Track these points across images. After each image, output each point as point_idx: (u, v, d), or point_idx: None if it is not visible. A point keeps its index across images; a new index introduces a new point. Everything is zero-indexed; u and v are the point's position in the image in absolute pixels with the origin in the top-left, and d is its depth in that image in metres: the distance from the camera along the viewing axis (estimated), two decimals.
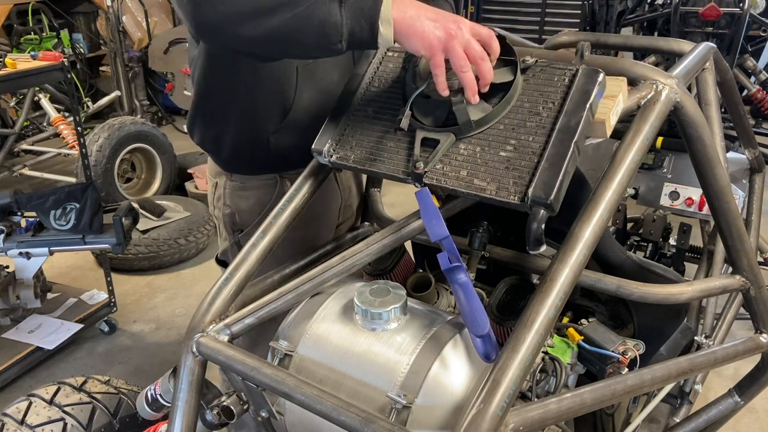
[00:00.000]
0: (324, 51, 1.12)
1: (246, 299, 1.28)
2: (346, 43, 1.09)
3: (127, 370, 2.86)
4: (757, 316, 1.42)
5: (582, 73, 1.09)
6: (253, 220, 1.56)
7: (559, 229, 1.12)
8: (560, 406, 0.99)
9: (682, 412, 1.65)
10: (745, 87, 4.07)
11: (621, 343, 1.23)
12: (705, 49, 1.48)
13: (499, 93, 1.13)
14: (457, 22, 1.08)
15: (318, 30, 1.08)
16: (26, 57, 2.87)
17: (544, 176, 1.05)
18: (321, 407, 1.00)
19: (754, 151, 2.12)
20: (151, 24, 5.75)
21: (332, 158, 1.25)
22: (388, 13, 1.07)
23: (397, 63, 1.27)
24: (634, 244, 2.40)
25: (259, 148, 1.50)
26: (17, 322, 2.87)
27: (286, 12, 1.06)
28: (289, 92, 1.44)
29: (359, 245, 1.25)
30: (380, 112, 1.24)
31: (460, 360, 1.10)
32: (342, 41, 1.09)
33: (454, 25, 1.07)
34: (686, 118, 1.19)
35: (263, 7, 1.06)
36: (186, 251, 3.73)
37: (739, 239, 1.34)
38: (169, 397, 1.30)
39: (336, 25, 1.07)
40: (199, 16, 1.10)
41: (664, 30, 4.19)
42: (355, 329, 1.18)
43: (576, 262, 1.01)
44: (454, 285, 1.07)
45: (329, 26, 1.07)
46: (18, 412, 1.68)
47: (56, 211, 2.50)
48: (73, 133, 3.92)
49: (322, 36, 1.08)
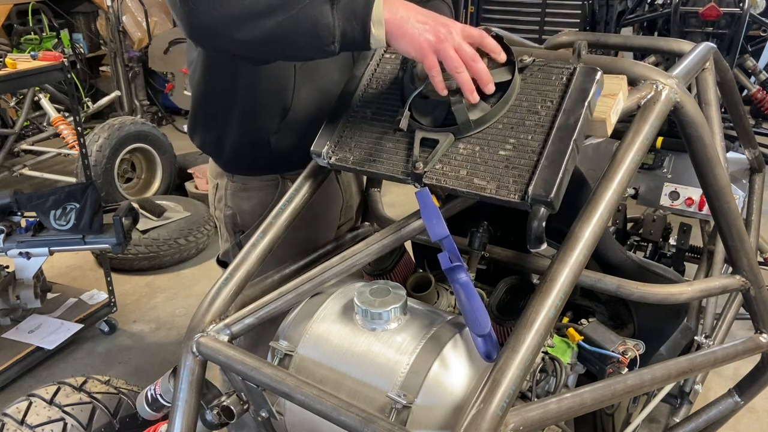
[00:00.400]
0: (317, 53, 1.12)
1: (246, 299, 1.28)
2: (339, 45, 1.10)
3: (127, 370, 2.86)
4: (757, 316, 1.42)
5: (580, 72, 1.09)
6: (255, 220, 1.56)
7: (559, 229, 1.12)
8: (560, 406, 0.99)
9: (682, 412, 1.65)
10: (745, 87, 4.07)
11: (621, 343, 1.23)
12: (705, 49, 1.48)
13: (498, 92, 1.13)
14: (446, 25, 1.08)
15: (311, 32, 1.08)
16: (26, 57, 2.87)
17: (544, 174, 1.05)
18: (321, 407, 1.00)
19: (754, 151, 2.12)
20: (151, 24, 5.76)
21: (331, 160, 1.25)
22: (379, 14, 1.07)
23: (395, 64, 1.27)
24: (634, 244, 2.40)
25: (260, 149, 1.50)
26: (17, 322, 2.87)
27: (278, 15, 1.07)
28: (288, 92, 1.44)
29: (359, 245, 1.25)
30: (378, 113, 1.24)
31: (460, 360, 1.10)
32: (335, 42, 1.09)
33: (444, 29, 1.07)
34: (686, 118, 1.19)
35: (255, 11, 1.07)
36: (186, 251, 3.73)
37: (739, 239, 1.34)
38: (169, 397, 1.30)
39: (328, 27, 1.07)
40: (194, 20, 1.10)
41: (664, 30, 4.19)
42: (355, 329, 1.18)
43: (576, 262, 1.01)
44: (455, 285, 1.07)
45: (321, 28, 1.07)
46: (18, 412, 1.68)
47: (56, 211, 2.50)
48: (73, 133, 3.92)
49: (315, 38, 1.09)
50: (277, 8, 1.07)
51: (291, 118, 1.46)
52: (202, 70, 1.44)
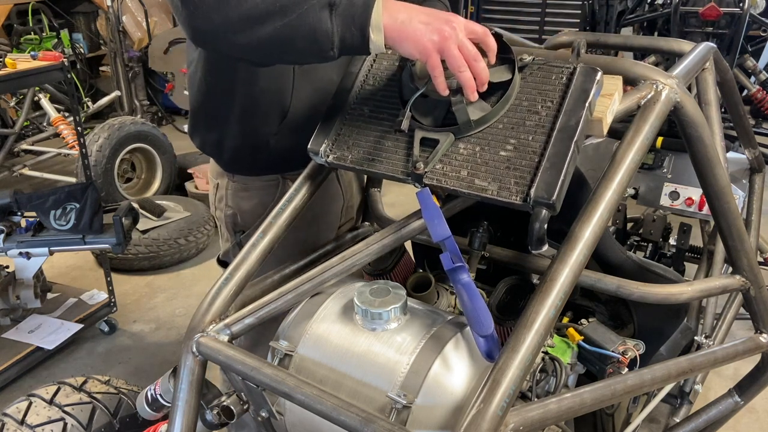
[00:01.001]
0: (317, 58, 1.12)
1: (246, 299, 1.28)
2: (338, 51, 1.10)
3: (127, 370, 2.86)
4: (757, 316, 1.42)
5: (580, 72, 1.09)
6: (255, 220, 1.56)
7: (560, 229, 1.12)
8: (560, 406, 0.99)
9: (682, 412, 1.65)
10: (745, 87, 4.07)
11: (621, 343, 1.23)
12: (705, 49, 1.48)
13: (498, 92, 1.12)
14: (450, 22, 1.07)
15: (309, 38, 1.08)
16: (26, 57, 2.87)
17: (545, 176, 1.04)
18: (321, 407, 1.00)
19: (754, 151, 2.12)
20: (151, 24, 5.75)
21: (329, 158, 1.25)
22: (378, 19, 1.06)
23: (391, 60, 1.27)
24: (634, 244, 2.40)
25: (260, 150, 1.50)
26: (17, 322, 2.87)
27: (276, 21, 1.07)
28: (287, 93, 1.44)
29: (359, 245, 1.25)
30: (376, 110, 1.24)
31: (461, 360, 1.10)
32: (333, 49, 1.09)
33: (448, 26, 1.06)
34: (686, 118, 1.19)
35: (254, 16, 1.07)
36: (186, 251, 3.73)
37: (739, 239, 1.34)
38: (169, 397, 1.30)
39: (327, 33, 1.07)
40: (195, 24, 1.11)
41: (664, 30, 4.19)
42: (355, 329, 1.18)
43: (576, 262, 1.01)
44: (458, 285, 1.07)
45: (320, 34, 1.07)
46: (18, 412, 1.68)
47: (56, 211, 2.50)
48: (73, 133, 3.92)
49: (314, 44, 1.08)
50: (276, 14, 1.06)
51: (290, 119, 1.46)
52: (203, 71, 1.44)
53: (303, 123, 1.45)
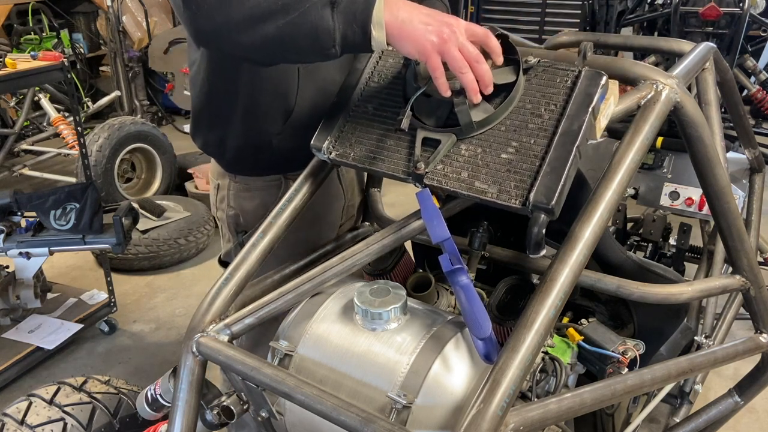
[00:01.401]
0: (319, 56, 1.12)
1: (246, 299, 1.28)
2: (340, 48, 1.10)
3: (127, 370, 2.86)
4: (757, 316, 1.42)
5: (585, 76, 1.08)
6: (257, 220, 1.55)
7: (559, 229, 1.12)
8: (560, 406, 0.99)
9: (682, 412, 1.65)
10: (745, 87, 4.07)
11: (621, 343, 1.23)
12: (705, 49, 1.48)
13: (501, 93, 1.12)
14: (450, 25, 1.06)
15: (311, 36, 1.08)
16: (26, 57, 2.87)
17: (545, 181, 1.04)
18: (321, 407, 1.00)
19: (754, 151, 2.12)
20: (151, 24, 5.76)
21: (332, 155, 1.25)
22: (380, 17, 1.06)
23: (397, 58, 1.26)
24: (634, 244, 2.40)
25: (263, 150, 1.50)
26: (17, 322, 2.87)
27: (278, 19, 1.07)
28: (291, 94, 1.44)
29: (359, 245, 1.25)
30: (380, 109, 1.24)
31: (461, 360, 1.10)
32: (335, 46, 1.09)
33: (448, 29, 1.06)
34: (686, 118, 1.19)
35: (256, 15, 1.07)
36: (186, 251, 3.73)
37: (739, 239, 1.34)
38: (169, 397, 1.30)
39: (329, 31, 1.07)
40: (198, 24, 1.11)
41: (664, 30, 4.19)
42: (355, 329, 1.18)
43: (576, 262, 1.01)
44: (456, 287, 1.07)
45: (322, 31, 1.07)
46: (18, 412, 1.68)
47: (56, 211, 2.50)
48: (73, 133, 3.92)
49: (316, 41, 1.09)
50: (278, 13, 1.07)
51: (294, 119, 1.46)
52: (206, 71, 1.44)
53: (306, 123, 1.45)
